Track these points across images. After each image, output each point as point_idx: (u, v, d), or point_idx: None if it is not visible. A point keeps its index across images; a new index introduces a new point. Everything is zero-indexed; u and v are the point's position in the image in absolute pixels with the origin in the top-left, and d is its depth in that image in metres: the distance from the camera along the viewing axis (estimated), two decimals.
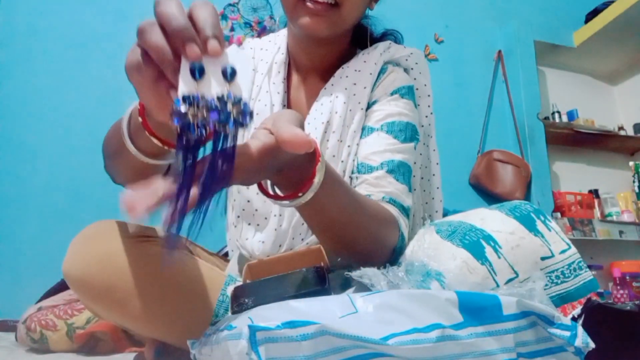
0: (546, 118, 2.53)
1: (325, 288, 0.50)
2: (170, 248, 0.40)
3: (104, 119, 1.92)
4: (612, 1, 2.49)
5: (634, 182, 2.54)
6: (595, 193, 2.52)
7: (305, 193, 0.45)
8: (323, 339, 0.37)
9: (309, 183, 0.45)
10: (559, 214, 2.31)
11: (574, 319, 0.63)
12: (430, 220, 0.79)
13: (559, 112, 2.58)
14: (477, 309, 0.40)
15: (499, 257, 0.51)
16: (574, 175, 2.60)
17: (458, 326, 0.39)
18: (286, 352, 0.36)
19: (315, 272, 0.52)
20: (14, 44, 1.83)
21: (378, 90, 0.78)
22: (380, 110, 0.76)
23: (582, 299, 0.57)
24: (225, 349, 0.38)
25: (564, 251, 0.53)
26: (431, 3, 2.49)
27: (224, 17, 2.12)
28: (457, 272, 0.50)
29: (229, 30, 2.12)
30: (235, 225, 0.79)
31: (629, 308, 0.65)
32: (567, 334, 0.39)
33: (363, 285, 0.49)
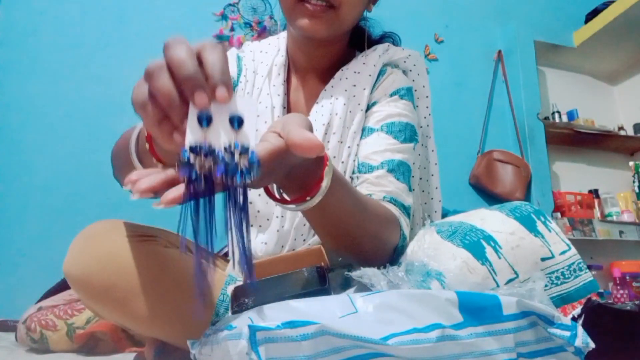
0: (546, 118, 2.53)
1: (325, 288, 0.50)
2: (199, 297, 0.40)
3: (103, 119, 1.93)
4: (612, 1, 2.49)
5: (634, 182, 2.54)
6: (595, 193, 2.52)
7: (313, 197, 0.45)
8: (323, 339, 0.37)
9: (316, 187, 0.45)
10: (559, 214, 2.31)
11: (574, 319, 0.64)
12: (430, 221, 0.79)
13: (559, 112, 2.58)
14: (477, 309, 0.40)
15: (499, 258, 0.51)
16: (574, 175, 2.60)
17: (458, 326, 0.39)
18: (286, 352, 0.36)
19: (316, 272, 0.52)
20: (14, 44, 1.83)
21: (377, 91, 0.79)
22: (380, 111, 0.76)
23: (582, 300, 0.57)
24: (225, 349, 0.38)
25: (564, 252, 0.53)
26: (431, 3, 2.49)
27: (224, 17, 2.12)
28: (457, 272, 0.50)
29: (229, 30, 2.12)
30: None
31: (629, 308, 0.65)
32: (567, 334, 0.39)
33: (363, 285, 0.49)
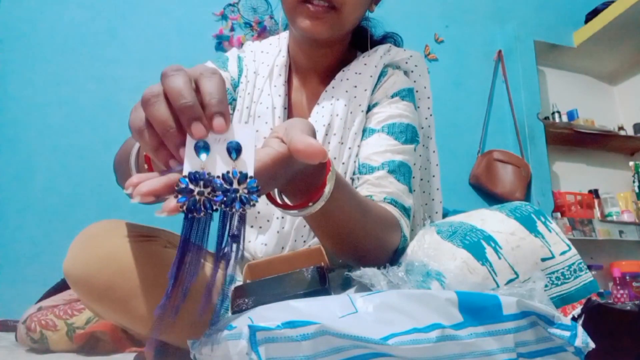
0: (546, 118, 2.53)
1: (325, 288, 0.50)
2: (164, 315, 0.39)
3: (103, 119, 1.93)
4: (612, 1, 2.49)
5: (634, 182, 2.54)
6: (595, 193, 2.52)
7: (316, 202, 0.44)
8: (323, 339, 0.37)
9: (319, 192, 0.44)
10: (559, 214, 2.31)
11: (574, 319, 0.64)
12: (430, 221, 0.79)
13: (559, 112, 2.58)
14: (477, 309, 0.40)
15: (500, 258, 0.51)
16: (574, 175, 2.60)
17: (458, 326, 0.39)
18: (286, 352, 0.36)
19: (315, 272, 0.52)
20: (14, 44, 1.83)
21: (379, 92, 0.79)
22: (381, 112, 0.76)
23: (582, 300, 0.57)
24: (225, 349, 0.38)
25: (564, 252, 0.53)
26: (431, 3, 2.49)
27: (224, 17, 2.12)
28: (458, 273, 0.50)
29: (229, 30, 2.12)
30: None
31: (629, 308, 0.65)
32: (567, 334, 0.39)
33: (363, 285, 0.49)
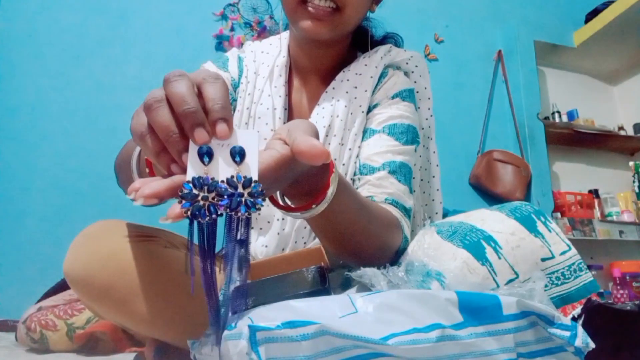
0: (546, 118, 2.53)
1: (325, 288, 0.50)
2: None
3: (103, 119, 1.93)
4: (612, 1, 2.49)
5: (634, 182, 2.54)
6: (595, 193, 2.52)
7: (319, 205, 0.44)
8: (323, 339, 0.37)
9: (322, 194, 0.44)
10: (559, 214, 2.31)
11: (574, 319, 0.64)
12: (431, 222, 0.79)
13: (559, 112, 2.58)
14: (477, 309, 0.40)
15: (500, 258, 0.51)
16: (574, 175, 2.60)
17: (458, 326, 0.39)
18: (286, 352, 0.36)
19: (315, 272, 0.52)
20: (14, 45, 1.83)
21: (379, 93, 0.79)
22: (382, 113, 0.76)
23: (582, 300, 0.57)
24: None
25: (564, 252, 0.53)
26: (431, 3, 2.49)
27: (224, 17, 2.12)
28: (458, 273, 0.50)
29: (229, 30, 2.12)
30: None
31: (629, 308, 0.65)
32: (567, 334, 0.39)
33: (363, 285, 0.49)
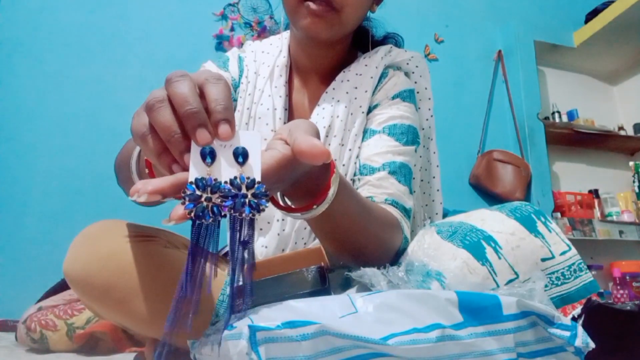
0: (546, 118, 2.53)
1: (325, 288, 0.50)
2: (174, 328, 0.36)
3: (103, 119, 1.93)
4: (612, 1, 2.49)
5: (634, 182, 2.54)
6: (595, 193, 2.52)
7: (320, 205, 0.44)
8: (323, 339, 0.36)
9: (323, 194, 0.44)
10: (559, 214, 2.31)
11: (574, 319, 0.63)
12: (430, 221, 0.79)
13: (559, 112, 2.58)
14: (477, 309, 0.40)
15: (500, 258, 0.51)
16: (574, 175, 2.60)
17: (458, 326, 0.39)
18: (286, 352, 0.36)
19: (315, 272, 0.52)
20: (14, 45, 1.83)
21: (379, 94, 0.78)
22: (382, 113, 0.76)
23: (582, 300, 0.57)
24: (225, 349, 0.38)
25: (564, 252, 0.53)
26: (431, 3, 2.49)
27: (224, 17, 2.12)
28: (458, 273, 0.50)
29: (229, 30, 2.12)
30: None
31: (629, 308, 0.65)
32: (567, 334, 0.39)
33: (363, 285, 0.49)
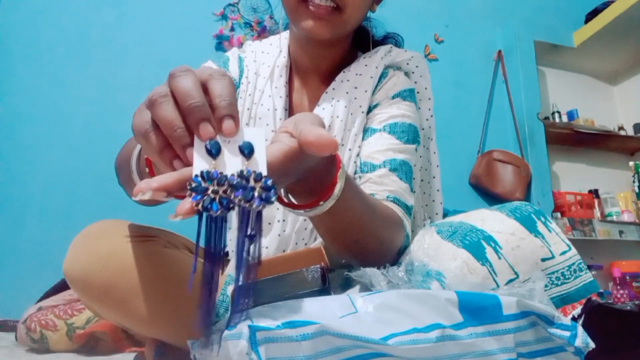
0: (546, 118, 2.53)
1: (325, 288, 0.50)
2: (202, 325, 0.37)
3: (103, 119, 1.94)
4: (612, 1, 2.49)
5: (634, 182, 2.54)
6: (595, 193, 2.52)
7: (326, 201, 0.43)
8: (323, 339, 0.37)
9: (329, 191, 0.43)
10: (559, 214, 2.31)
11: (574, 319, 0.64)
12: (430, 221, 0.79)
13: (559, 112, 2.58)
14: (477, 309, 0.40)
15: (500, 258, 0.51)
16: (574, 175, 2.60)
17: (458, 326, 0.39)
18: (286, 352, 0.36)
19: (316, 272, 0.52)
20: (14, 45, 1.83)
21: (379, 93, 0.78)
22: (383, 112, 0.76)
23: (582, 300, 0.57)
24: (225, 349, 0.38)
25: (564, 252, 0.53)
26: (431, 3, 2.49)
27: (224, 17, 2.12)
28: (458, 273, 0.50)
29: (229, 30, 2.12)
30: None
31: (629, 308, 0.65)
32: (567, 334, 0.39)
33: (363, 285, 0.49)
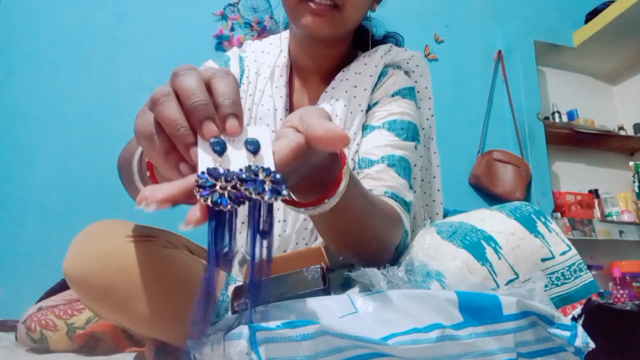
0: (546, 118, 2.53)
1: (326, 288, 0.50)
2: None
3: (103, 119, 1.93)
4: (612, 1, 2.49)
5: (634, 182, 2.54)
6: (595, 193, 2.52)
7: (330, 199, 0.42)
8: (323, 339, 0.37)
9: (334, 188, 0.42)
10: (559, 214, 2.31)
11: (574, 319, 0.64)
12: (431, 221, 0.78)
13: (559, 112, 2.58)
14: (477, 309, 0.40)
15: (500, 258, 0.51)
16: (574, 175, 2.60)
17: (458, 326, 0.39)
18: (286, 352, 0.36)
19: (316, 272, 0.52)
20: (14, 44, 1.83)
21: (379, 92, 0.78)
22: (382, 110, 0.75)
23: (582, 300, 0.57)
24: (225, 349, 0.38)
25: (564, 252, 0.53)
26: (431, 3, 2.49)
27: (224, 17, 2.12)
28: (458, 273, 0.50)
29: (229, 30, 2.12)
30: (240, 231, 0.78)
31: (629, 308, 0.65)
32: (567, 334, 0.39)
33: (363, 285, 0.49)
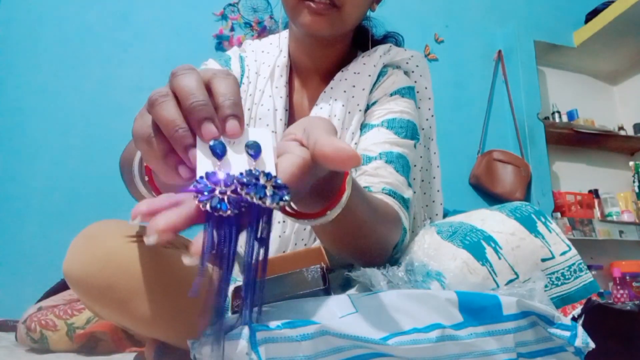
0: (546, 118, 2.53)
1: (325, 288, 0.50)
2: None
3: (103, 119, 1.93)
4: (612, 1, 2.49)
5: (634, 182, 2.54)
6: (595, 193, 2.52)
7: (333, 210, 0.41)
8: (323, 339, 0.37)
9: (337, 199, 0.41)
10: (559, 214, 2.31)
11: (574, 319, 0.64)
12: (430, 221, 0.78)
13: (559, 112, 2.58)
14: (477, 309, 0.40)
15: (500, 258, 0.51)
16: (574, 175, 2.60)
17: (458, 326, 0.39)
18: (286, 352, 0.36)
19: (316, 272, 0.52)
20: (14, 44, 1.83)
21: (377, 91, 0.78)
22: (381, 108, 0.75)
23: (582, 300, 0.57)
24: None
25: (564, 253, 0.53)
26: (431, 3, 2.49)
27: (224, 17, 2.12)
28: (458, 273, 0.50)
29: (229, 30, 2.12)
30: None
31: (629, 308, 0.65)
32: (567, 334, 0.39)
33: (363, 285, 0.49)
